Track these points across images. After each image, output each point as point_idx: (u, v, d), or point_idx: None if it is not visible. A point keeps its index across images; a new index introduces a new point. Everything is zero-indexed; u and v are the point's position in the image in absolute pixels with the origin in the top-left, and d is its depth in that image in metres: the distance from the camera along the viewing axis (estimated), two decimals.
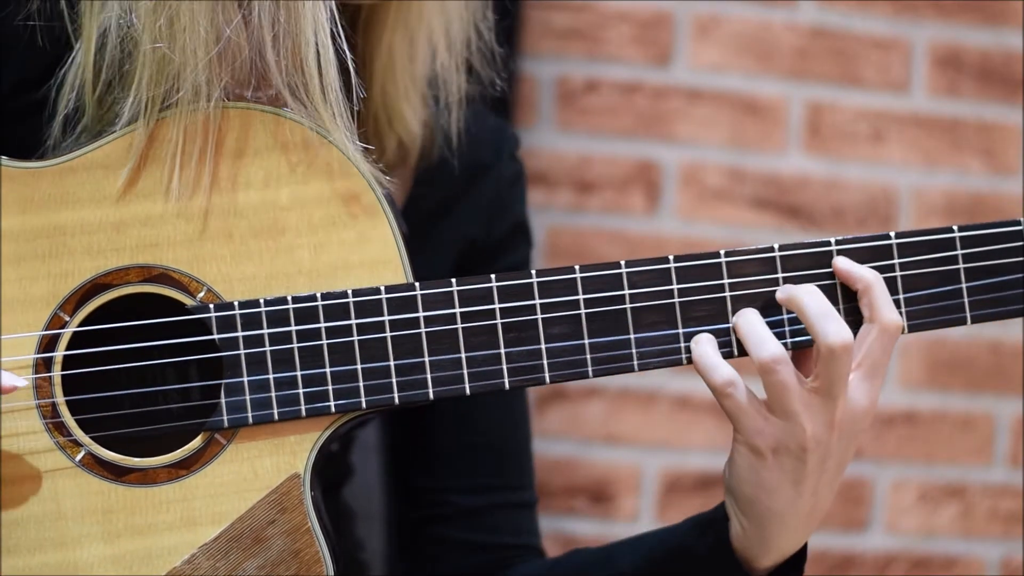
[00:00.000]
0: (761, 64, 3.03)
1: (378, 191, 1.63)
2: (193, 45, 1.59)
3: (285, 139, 1.61)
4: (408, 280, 1.62)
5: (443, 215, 1.91)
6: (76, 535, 1.58)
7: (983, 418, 3.11)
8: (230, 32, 1.59)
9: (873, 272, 1.62)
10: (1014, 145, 3.09)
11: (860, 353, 1.61)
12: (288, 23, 1.60)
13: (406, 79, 1.80)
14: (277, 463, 1.60)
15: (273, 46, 1.59)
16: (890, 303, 1.61)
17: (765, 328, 1.61)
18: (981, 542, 3.12)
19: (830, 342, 1.57)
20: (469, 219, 1.91)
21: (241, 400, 1.59)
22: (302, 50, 1.60)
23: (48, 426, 1.58)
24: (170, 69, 1.59)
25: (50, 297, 1.59)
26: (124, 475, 1.59)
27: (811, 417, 1.60)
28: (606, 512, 3.02)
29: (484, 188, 1.93)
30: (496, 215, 1.93)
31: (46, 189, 1.60)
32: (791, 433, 1.61)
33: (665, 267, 1.64)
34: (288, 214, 1.61)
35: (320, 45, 1.60)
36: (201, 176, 1.61)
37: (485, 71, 1.87)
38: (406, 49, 1.79)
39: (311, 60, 1.60)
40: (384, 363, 1.61)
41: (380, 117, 1.80)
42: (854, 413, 1.61)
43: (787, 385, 1.59)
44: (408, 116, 1.80)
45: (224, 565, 1.59)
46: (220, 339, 1.59)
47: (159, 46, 1.59)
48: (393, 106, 1.80)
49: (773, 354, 1.59)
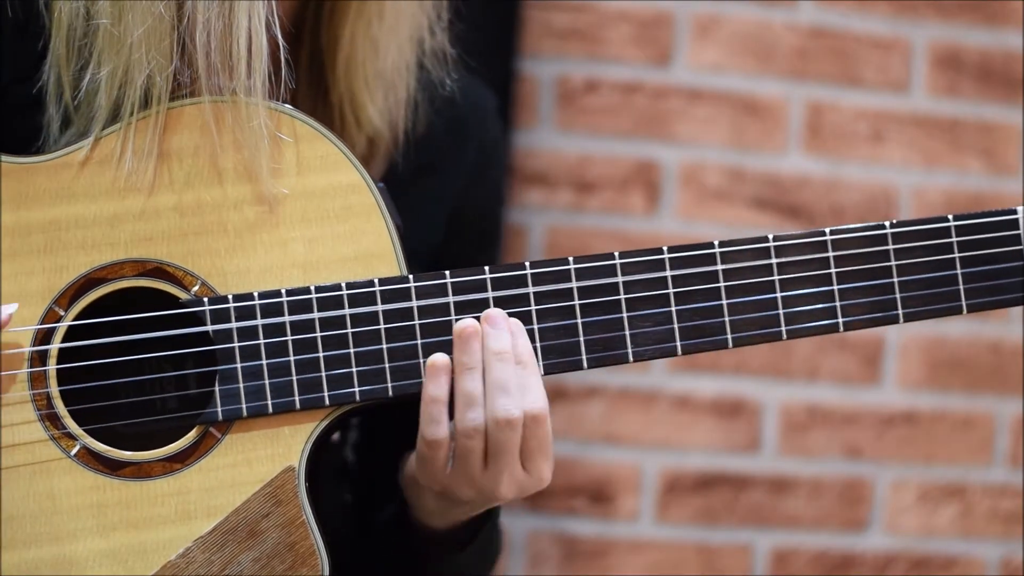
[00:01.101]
0: (761, 64, 3.03)
1: (372, 184, 1.63)
2: (135, 26, 1.60)
3: (279, 133, 1.62)
4: (402, 272, 1.63)
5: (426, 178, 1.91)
6: (71, 529, 1.59)
7: (983, 418, 3.11)
8: (163, 9, 1.59)
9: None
10: (1014, 145, 3.09)
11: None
12: (222, 7, 1.60)
13: (369, 73, 1.80)
14: (272, 456, 1.60)
15: (203, 28, 1.60)
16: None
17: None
18: (981, 542, 3.12)
19: (465, 428, 1.63)
20: (452, 179, 1.92)
21: (235, 393, 1.59)
22: (232, 33, 1.60)
23: (43, 420, 1.59)
24: (121, 53, 1.61)
25: (45, 291, 1.59)
26: (119, 469, 1.60)
27: (480, 486, 1.67)
28: (606, 512, 3.02)
29: (466, 150, 1.93)
30: (478, 177, 1.94)
31: (41, 184, 1.60)
32: (461, 488, 1.68)
33: (659, 257, 1.65)
34: (282, 207, 1.62)
35: (252, 31, 1.61)
36: (194, 170, 1.61)
37: (436, 71, 1.87)
38: (368, 43, 1.79)
39: (241, 47, 1.60)
40: (378, 355, 1.61)
41: (347, 114, 1.81)
42: (525, 489, 1.68)
43: (474, 448, 1.64)
44: (371, 111, 1.81)
45: (219, 558, 1.59)
46: (214, 332, 1.59)
47: (104, 22, 1.61)
48: (357, 100, 1.80)
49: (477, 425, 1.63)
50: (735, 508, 3.05)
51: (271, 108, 1.62)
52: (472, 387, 1.61)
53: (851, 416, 3.07)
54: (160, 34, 1.60)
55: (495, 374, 1.61)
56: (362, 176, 1.63)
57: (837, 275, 1.65)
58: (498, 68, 2.87)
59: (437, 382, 1.62)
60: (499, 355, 1.62)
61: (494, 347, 1.62)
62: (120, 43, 1.61)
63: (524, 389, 1.62)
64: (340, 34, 1.79)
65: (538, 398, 1.62)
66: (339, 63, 1.79)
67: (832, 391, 3.06)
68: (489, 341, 1.62)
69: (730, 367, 3.03)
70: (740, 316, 1.65)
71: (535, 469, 1.65)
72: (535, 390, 1.63)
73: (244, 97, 1.60)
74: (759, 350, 3.03)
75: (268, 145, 1.61)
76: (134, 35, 1.60)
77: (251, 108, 1.60)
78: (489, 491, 1.65)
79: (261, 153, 1.61)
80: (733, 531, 3.05)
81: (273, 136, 1.61)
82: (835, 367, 3.06)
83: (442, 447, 1.63)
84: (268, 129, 1.61)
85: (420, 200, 1.87)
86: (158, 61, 1.60)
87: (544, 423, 1.63)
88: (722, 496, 3.04)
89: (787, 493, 3.05)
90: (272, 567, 1.60)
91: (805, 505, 3.06)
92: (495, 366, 1.62)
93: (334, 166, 1.63)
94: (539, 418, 1.63)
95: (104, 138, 1.61)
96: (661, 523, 3.03)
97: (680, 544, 3.04)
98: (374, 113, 1.81)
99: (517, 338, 1.63)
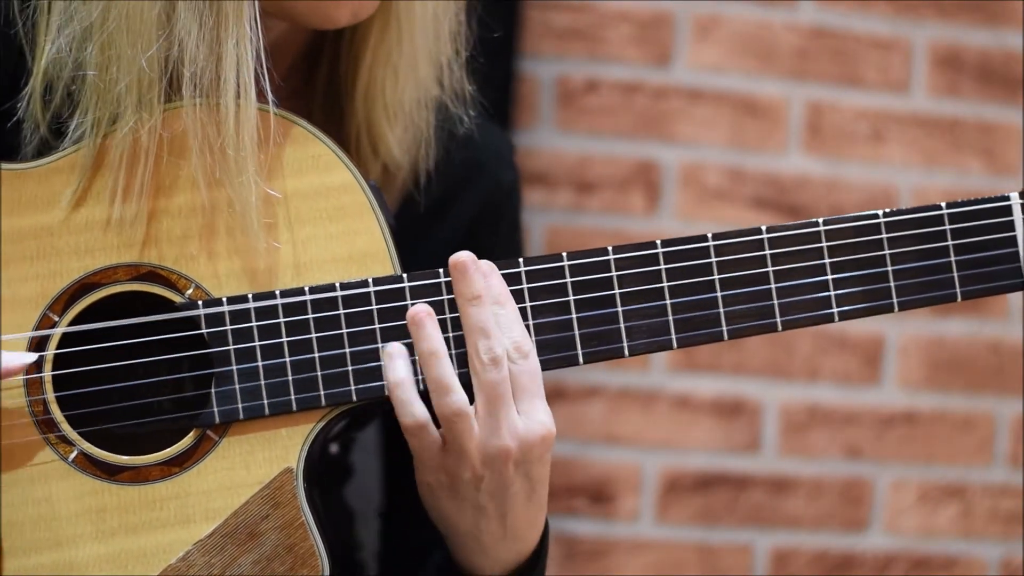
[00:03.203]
0: (761, 64, 3.03)
1: (363, 183, 1.63)
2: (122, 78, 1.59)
3: (271, 135, 1.62)
4: (396, 272, 1.63)
5: (437, 217, 1.90)
6: (70, 535, 1.58)
7: (983, 418, 3.11)
8: (144, 63, 1.59)
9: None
10: (1014, 145, 3.09)
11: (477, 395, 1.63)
12: (208, 60, 1.60)
13: (389, 103, 1.79)
14: (269, 458, 1.60)
15: (190, 81, 1.59)
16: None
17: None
18: (981, 542, 3.12)
19: (444, 414, 1.61)
20: (463, 220, 1.91)
21: (232, 395, 1.59)
22: (220, 89, 1.59)
23: (40, 426, 1.59)
24: (107, 104, 1.60)
25: (39, 298, 1.59)
26: (117, 474, 1.60)
27: (481, 452, 1.64)
28: (606, 512, 3.02)
29: (480, 192, 1.93)
30: (491, 220, 1.93)
31: (32, 190, 1.60)
32: (463, 467, 1.65)
33: (653, 251, 1.65)
34: (275, 209, 1.62)
35: (241, 85, 1.60)
36: (187, 173, 1.61)
37: (455, 109, 1.86)
38: (389, 73, 1.78)
39: (229, 100, 1.59)
40: (373, 354, 1.61)
41: (363, 142, 1.80)
42: (528, 442, 1.64)
43: (464, 430, 1.62)
44: (391, 141, 1.80)
45: (219, 561, 1.59)
46: (209, 335, 1.59)
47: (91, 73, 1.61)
48: (375, 130, 1.79)
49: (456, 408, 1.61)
50: (735, 508, 3.05)
51: (262, 110, 1.62)
52: (440, 373, 1.61)
53: (851, 416, 3.07)
54: (147, 86, 1.60)
55: (472, 319, 1.61)
56: (354, 176, 1.63)
57: (831, 265, 1.65)
58: (498, 68, 2.87)
59: (395, 367, 1.61)
60: (471, 300, 1.62)
61: (466, 293, 1.61)
62: (106, 94, 1.61)
63: (502, 327, 1.62)
64: (359, 64, 1.77)
65: (517, 333, 1.62)
66: (358, 93, 1.78)
67: (832, 391, 3.06)
68: (460, 287, 1.61)
69: (730, 367, 3.03)
70: (735, 308, 1.65)
71: (530, 410, 1.63)
72: (514, 326, 1.62)
73: (232, 152, 1.60)
74: (759, 350, 3.03)
75: (257, 149, 1.61)
76: (120, 86, 1.60)
77: (240, 161, 1.60)
78: (492, 447, 1.63)
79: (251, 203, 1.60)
80: (733, 531, 3.05)
81: (266, 138, 1.61)
82: (835, 367, 3.06)
83: (424, 429, 1.62)
84: (261, 131, 1.61)
85: (431, 237, 1.87)
86: (144, 114, 1.60)
87: (528, 356, 1.62)
88: (722, 496, 3.04)
89: (787, 493, 3.05)
90: (272, 569, 1.60)
91: (805, 505, 3.06)
92: (470, 311, 1.61)
93: (327, 167, 1.63)
94: (521, 349, 1.62)
95: (95, 144, 1.61)
96: (661, 523, 3.03)
97: (680, 544, 3.04)
98: (393, 144, 1.80)
99: (490, 278, 1.63)
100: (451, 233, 1.90)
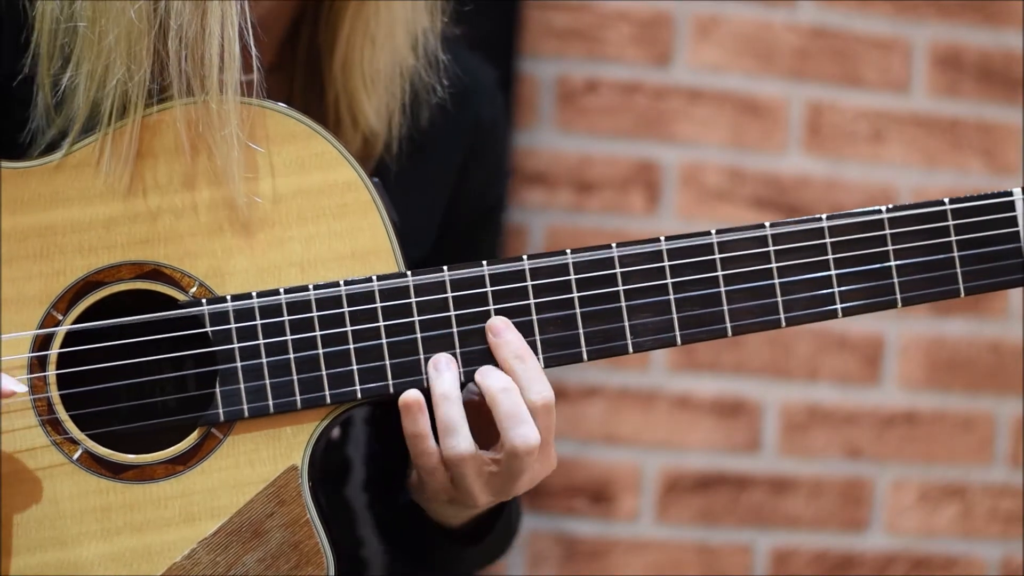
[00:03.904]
0: (761, 64, 3.03)
1: (367, 181, 1.63)
2: (110, 29, 1.60)
3: (272, 132, 1.62)
4: (400, 269, 1.63)
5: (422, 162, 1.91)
6: (75, 534, 1.59)
7: (983, 418, 3.11)
8: (133, 16, 1.59)
9: (501, 383, 1.62)
10: (1014, 145, 3.09)
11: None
12: (194, 14, 1.60)
13: (367, 72, 1.80)
14: (274, 456, 1.60)
15: (176, 34, 1.60)
16: (515, 418, 1.62)
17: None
18: (981, 542, 3.12)
19: (515, 445, 1.61)
20: (451, 158, 1.92)
21: (236, 394, 1.59)
22: (204, 41, 1.60)
23: (45, 425, 1.59)
24: (99, 56, 1.61)
25: (43, 296, 1.59)
26: (121, 472, 1.60)
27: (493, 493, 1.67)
28: (606, 512, 3.02)
29: (464, 128, 1.93)
30: (479, 154, 1.93)
31: (35, 188, 1.60)
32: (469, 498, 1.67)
33: (657, 248, 1.65)
34: (278, 207, 1.62)
35: (225, 39, 1.60)
36: (189, 172, 1.61)
37: (429, 77, 1.86)
38: (367, 43, 1.79)
39: (213, 53, 1.60)
40: (378, 352, 1.61)
41: (343, 112, 1.81)
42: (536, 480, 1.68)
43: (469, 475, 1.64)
44: (367, 109, 1.81)
45: (224, 559, 1.59)
46: (213, 333, 1.59)
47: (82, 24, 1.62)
48: (354, 99, 1.80)
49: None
50: (735, 508, 3.05)
51: (264, 107, 1.62)
52: (450, 415, 1.61)
53: (851, 416, 3.07)
54: (134, 38, 1.60)
55: (501, 409, 1.62)
56: (358, 173, 1.63)
57: (834, 261, 1.66)
58: (498, 68, 2.86)
59: (412, 419, 1.61)
60: (503, 392, 1.62)
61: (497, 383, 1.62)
62: (97, 46, 1.61)
63: (526, 383, 1.62)
64: (338, 33, 1.79)
65: (543, 388, 1.62)
66: (336, 62, 1.79)
67: (832, 391, 3.06)
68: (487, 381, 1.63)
69: (730, 367, 3.03)
70: (738, 304, 1.66)
71: (546, 457, 1.65)
72: (538, 381, 1.62)
73: (215, 104, 1.60)
74: (759, 350, 3.03)
75: (242, 149, 1.61)
76: (109, 38, 1.60)
77: (223, 114, 1.60)
78: (504, 492, 1.65)
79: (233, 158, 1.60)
80: (733, 531, 3.05)
81: (268, 135, 1.61)
82: (835, 367, 3.06)
83: (436, 472, 1.63)
84: (263, 129, 1.61)
85: (417, 183, 1.87)
86: (131, 66, 1.60)
87: (552, 411, 1.63)
88: (722, 496, 3.04)
89: (787, 493, 3.05)
90: (277, 567, 1.60)
91: (805, 505, 3.06)
92: (500, 400, 1.62)
93: (330, 164, 1.63)
94: (548, 406, 1.63)
95: (97, 141, 1.61)
96: (661, 523, 3.03)
97: (680, 544, 3.04)
98: (371, 112, 1.81)
99: (505, 335, 1.63)
100: (437, 175, 1.91)
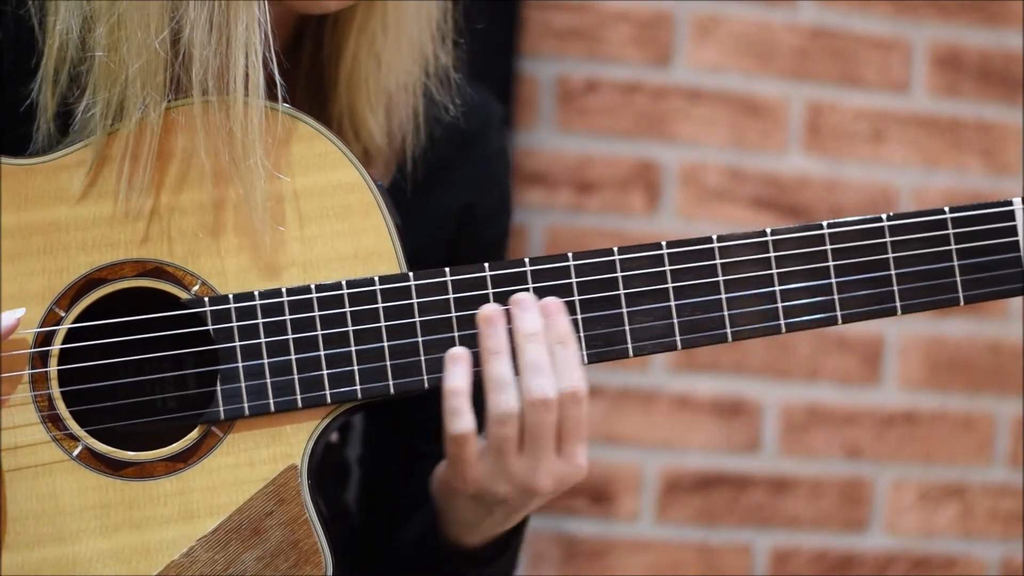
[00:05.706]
0: (761, 64, 3.03)
1: (370, 182, 1.63)
2: (131, 60, 1.59)
3: (277, 132, 1.62)
4: (402, 270, 1.63)
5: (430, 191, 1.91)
6: (74, 530, 1.59)
7: (983, 418, 3.11)
8: (157, 45, 1.59)
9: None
10: (1014, 145, 3.09)
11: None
12: (219, 43, 1.59)
13: (372, 90, 1.79)
14: (274, 454, 1.61)
15: (200, 65, 1.59)
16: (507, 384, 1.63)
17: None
18: (981, 542, 3.12)
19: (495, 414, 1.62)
20: (459, 189, 1.91)
21: (237, 392, 1.59)
22: (230, 71, 1.59)
23: (45, 421, 1.59)
24: (116, 85, 1.60)
25: (45, 293, 1.59)
26: (121, 469, 1.60)
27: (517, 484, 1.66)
28: (606, 512, 3.02)
29: (473, 160, 1.93)
30: (485, 186, 1.93)
31: (40, 185, 1.60)
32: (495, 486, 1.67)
33: (658, 253, 1.65)
34: (281, 207, 1.62)
35: (250, 68, 1.60)
36: (193, 171, 1.61)
37: (440, 96, 1.85)
38: (372, 60, 1.78)
39: (239, 84, 1.59)
40: (379, 352, 1.61)
41: (345, 126, 1.80)
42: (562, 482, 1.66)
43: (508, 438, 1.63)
44: (372, 127, 1.80)
45: (223, 557, 1.59)
46: (215, 332, 1.59)
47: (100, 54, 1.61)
48: (358, 116, 1.79)
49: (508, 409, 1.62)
50: (735, 508, 3.05)
51: (269, 107, 1.62)
52: (500, 371, 1.61)
53: (851, 416, 3.07)
54: (155, 69, 1.60)
55: (528, 356, 1.61)
56: (360, 174, 1.63)
57: (835, 268, 1.66)
58: (498, 68, 2.87)
59: (455, 373, 1.61)
60: (529, 336, 1.62)
61: (524, 329, 1.62)
62: (115, 76, 1.61)
63: (560, 368, 1.62)
64: (343, 50, 1.77)
65: (575, 377, 1.62)
66: (341, 78, 1.78)
67: (832, 391, 3.06)
68: (518, 323, 1.62)
69: (730, 367, 3.03)
70: (739, 310, 1.66)
71: (571, 453, 1.64)
72: (573, 369, 1.62)
73: (240, 132, 1.60)
74: (759, 350, 3.03)
75: (263, 146, 1.61)
76: (129, 69, 1.60)
77: (248, 144, 1.60)
78: (527, 483, 1.64)
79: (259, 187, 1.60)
80: (733, 531, 3.05)
81: (273, 135, 1.61)
82: (835, 367, 3.06)
83: (468, 441, 1.63)
84: (268, 129, 1.61)
85: (426, 213, 1.87)
86: (152, 96, 1.60)
87: (581, 402, 1.62)
88: (722, 496, 3.04)
89: (787, 493, 3.06)
90: (276, 566, 1.60)
91: (805, 505, 3.06)
92: (527, 348, 1.61)
93: (333, 164, 1.63)
94: (576, 396, 1.62)
95: (103, 139, 1.61)
96: (661, 523, 3.03)
97: (680, 544, 3.04)
98: (375, 129, 1.80)
99: (555, 317, 1.62)
100: (445, 205, 1.90)
